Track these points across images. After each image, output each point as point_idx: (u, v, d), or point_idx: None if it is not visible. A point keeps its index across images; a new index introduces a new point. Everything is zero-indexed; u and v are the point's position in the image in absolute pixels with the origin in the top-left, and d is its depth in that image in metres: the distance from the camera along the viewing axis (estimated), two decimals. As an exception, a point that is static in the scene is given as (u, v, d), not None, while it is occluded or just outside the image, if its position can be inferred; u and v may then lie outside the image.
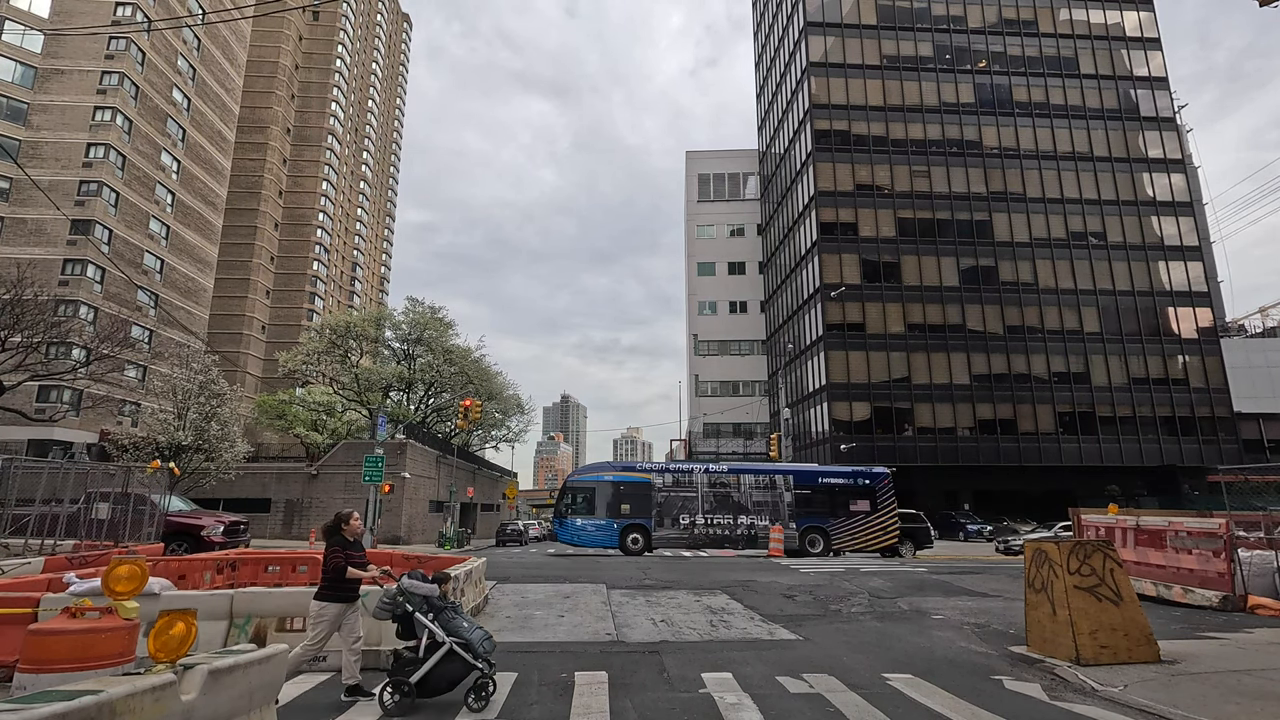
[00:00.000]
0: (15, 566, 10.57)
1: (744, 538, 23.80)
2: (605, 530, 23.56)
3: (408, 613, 5.81)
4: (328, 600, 5.97)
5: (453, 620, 5.84)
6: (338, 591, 5.98)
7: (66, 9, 46.70)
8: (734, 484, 24.43)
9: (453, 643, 5.66)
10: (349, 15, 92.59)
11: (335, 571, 5.97)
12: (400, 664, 5.79)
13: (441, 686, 5.68)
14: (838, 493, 24.35)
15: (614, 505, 23.88)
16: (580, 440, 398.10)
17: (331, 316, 53.95)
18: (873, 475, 24.78)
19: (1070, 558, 7.63)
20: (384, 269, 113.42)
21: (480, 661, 5.73)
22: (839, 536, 23.73)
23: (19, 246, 42.49)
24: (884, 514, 24.00)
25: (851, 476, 24.85)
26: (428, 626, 5.74)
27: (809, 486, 24.46)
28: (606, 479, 24.54)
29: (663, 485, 24.19)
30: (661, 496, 23.99)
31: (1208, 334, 43.49)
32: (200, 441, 28.63)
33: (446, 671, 5.65)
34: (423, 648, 5.70)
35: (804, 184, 47.88)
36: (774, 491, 24.34)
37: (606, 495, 24.01)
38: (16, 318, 25.88)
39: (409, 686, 5.53)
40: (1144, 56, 48.23)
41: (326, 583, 6.00)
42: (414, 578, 6.00)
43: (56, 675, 4.25)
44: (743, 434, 57.70)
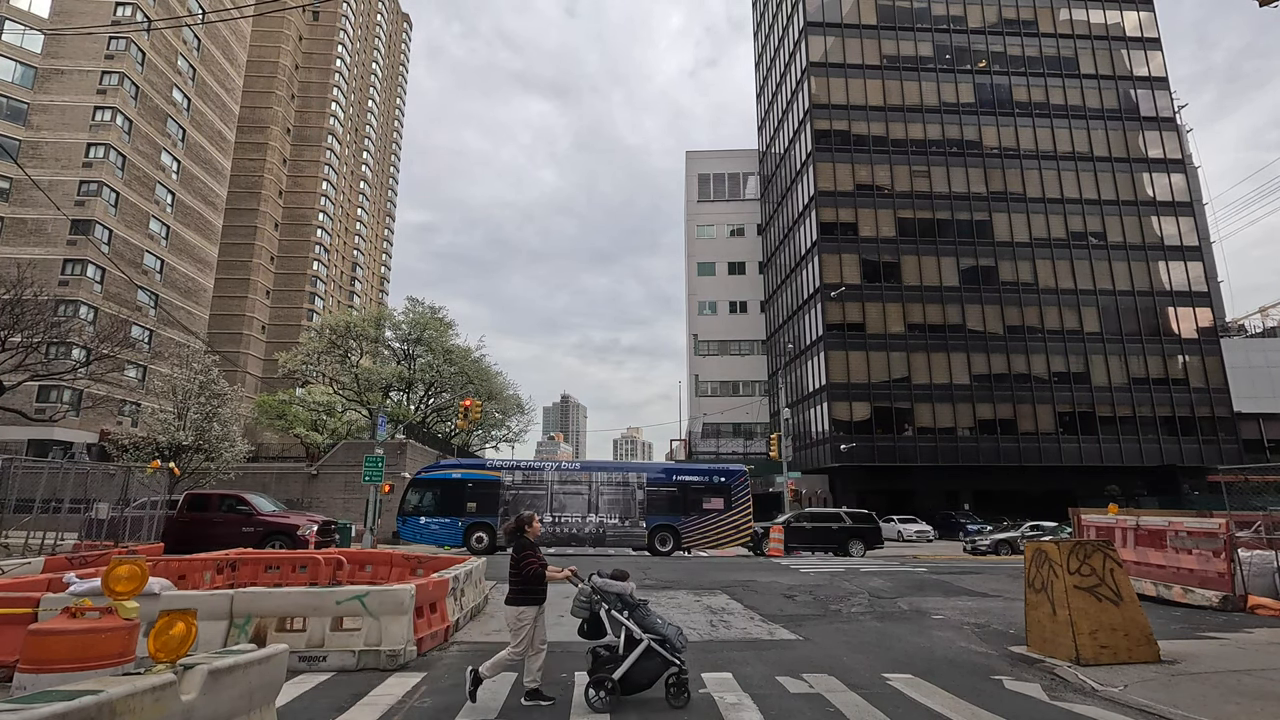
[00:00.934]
0: (15, 566, 10.58)
1: (592, 537, 23.57)
2: (449, 529, 23.11)
3: (600, 611, 5.87)
4: (526, 604, 5.92)
5: (647, 617, 5.88)
6: (535, 595, 5.97)
7: (66, 9, 46.69)
8: (585, 482, 24.17)
9: (650, 640, 5.68)
10: (349, 15, 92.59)
11: (536, 577, 5.95)
12: (599, 662, 5.83)
13: (642, 683, 5.72)
14: (692, 491, 24.13)
15: (460, 503, 23.42)
16: (580, 440, 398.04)
17: (331, 316, 53.93)
18: (729, 473, 24.68)
19: (1070, 558, 7.63)
20: (384, 269, 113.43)
21: (678, 657, 5.75)
22: (690, 535, 23.58)
23: (19, 246, 42.49)
24: (737, 512, 23.86)
25: (707, 475, 24.75)
26: (625, 624, 5.77)
27: (662, 484, 24.29)
28: (454, 476, 24.15)
29: (512, 483, 23.83)
30: (510, 495, 23.63)
31: (1208, 334, 43.48)
32: (200, 441, 28.61)
33: (646, 668, 5.69)
34: (622, 645, 5.74)
35: (804, 184, 47.87)
36: (626, 490, 24.12)
37: (453, 493, 23.53)
38: (16, 318, 25.88)
39: (612, 683, 5.58)
40: (1144, 56, 48.23)
41: (524, 587, 5.96)
42: (602, 576, 6.09)
43: (56, 675, 4.25)
44: (743, 434, 57.70)
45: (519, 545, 6.10)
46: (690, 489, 24.20)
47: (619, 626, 5.81)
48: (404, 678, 6.76)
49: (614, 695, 5.60)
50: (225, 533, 17.33)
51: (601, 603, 5.88)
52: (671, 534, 23.56)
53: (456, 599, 9.44)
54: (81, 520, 17.39)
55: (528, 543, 6.11)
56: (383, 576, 12.27)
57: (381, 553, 13.54)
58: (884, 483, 42.04)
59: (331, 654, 7.10)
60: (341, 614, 7.35)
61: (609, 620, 5.86)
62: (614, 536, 23.50)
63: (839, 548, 24.25)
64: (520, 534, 6.19)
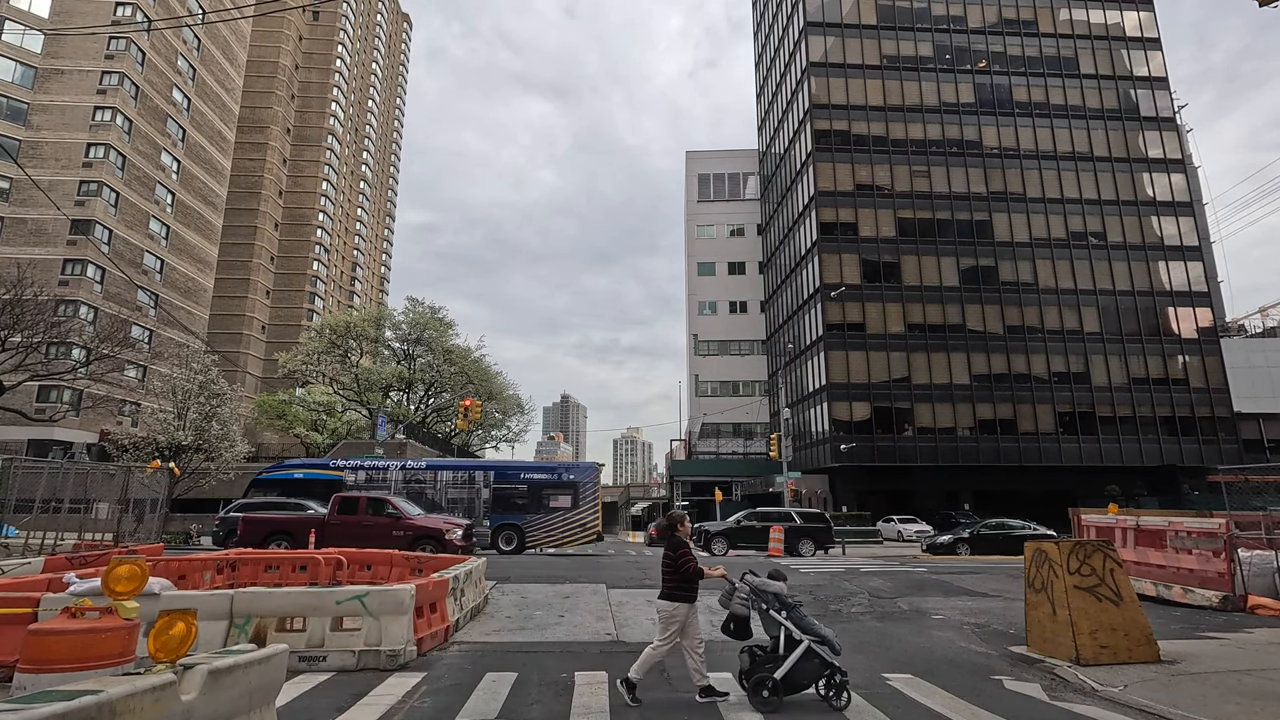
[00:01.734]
0: (15, 566, 10.58)
1: None
2: None
3: (755, 611, 5.89)
4: (680, 601, 5.96)
5: (804, 618, 5.90)
6: (689, 592, 6.00)
7: (66, 9, 46.70)
8: (430, 480, 23.88)
9: (810, 641, 5.71)
10: (349, 15, 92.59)
11: (694, 575, 5.99)
12: (758, 662, 5.84)
13: (802, 684, 5.74)
14: (538, 489, 23.83)
15: None
16: (580, 440, 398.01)
17: (331, 316, 53.96)
18: (577, 470, 24.47)
19: (1070, 558, 7.63)
20: (384, 269, 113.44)
21: (837, 659, 5.78)
22: (534, 533, 23.19)
23: (19, 246, 42.49)
24: (585, 510, 23.53)
25: (555, 472, 24.55)
26: (783, 624, 5.80)
27: (509, 482, 24.02)
28: (296, 476, 23.82)
29: (355, 482, 23.53)
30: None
31: (1208, 334, 43.48)
32: (200, 441, 28.64)
33: (806, 669, 5.71)
34: (782, 644, 5.76)
35: (804, 184, 47.87)
36: (472, 488, 23.85)
37: (294, 493, 23.16)
38: (16, 318, 25.89)
39: (774, 683, 5.60)
40: (1144, 56, 48.22)
41: (679, 585, 5.99)
42: (757, 576, 6.13)
43: (56, 675, 4.25)
44: (743, 434, 57.70)
45: (674, 544, 6.13)
46: (537, 487, 23.88)
47: (776, 626, 5.83)
48: (404, 678, 6.76)
49: (778, 695, 5.62)
50: (377, 536, 16.99)
51: (759, 602, 5.89)
52: (516, 532, 23.02)
53: (456, 599, 9.44)
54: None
55: (682, 541, 6.15)
56: (383, 576, 12.26)
57: (382, 553, 13.53)
58: (884, 483, 42.03)
59: (331, 654, 7.10)
60: (341, 614, 7.35)
61: (765, 620, 5.88)
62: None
63: (789, 547, 24.16)
64: (673, 532, 6.22)
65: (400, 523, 17.41)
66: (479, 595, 10.98)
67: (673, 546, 6.10)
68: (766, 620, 5.87)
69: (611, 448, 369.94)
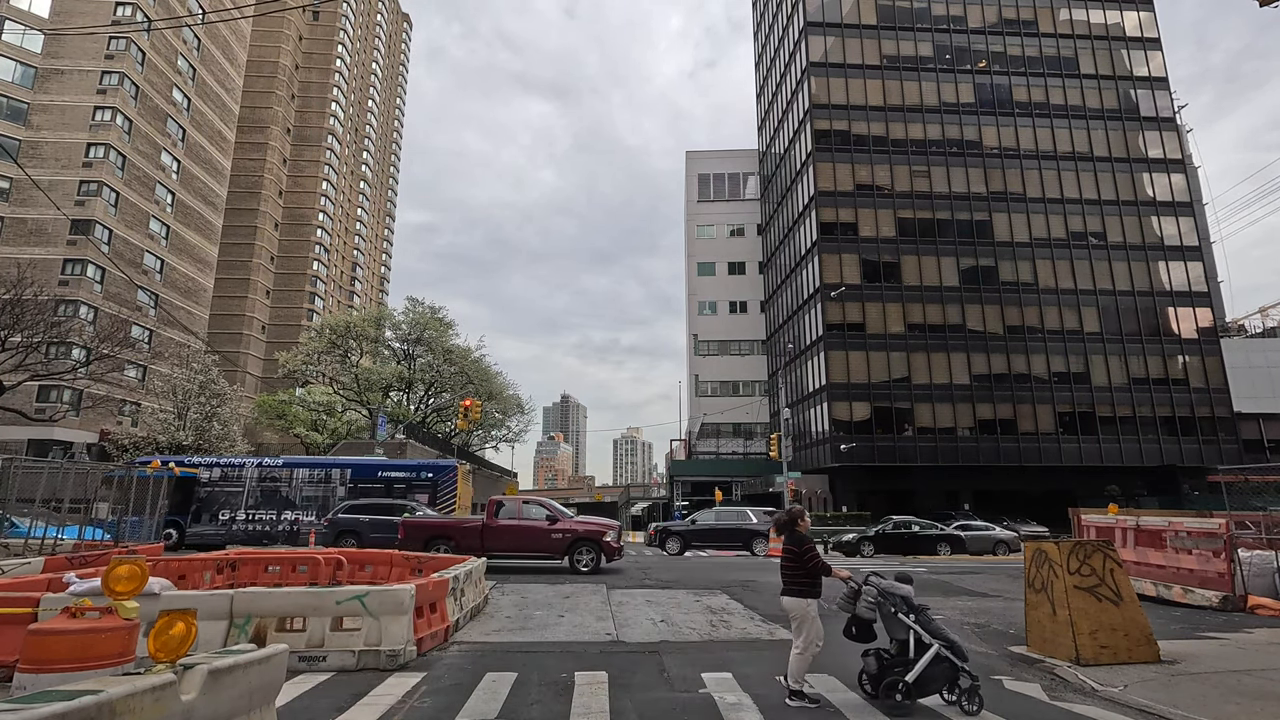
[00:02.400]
0: (15, 566, 10.57)
1: (285, 534, 22.84)
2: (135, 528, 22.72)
3: (881, 614, 5.89)
4: (810, 597, 5.99)
5: (931, 622, 5.88)
6: (813, 588, 6.03)
7: (66, 9, 46.69)
8: (285, 479, 23.55)
9: (940, 645, 5.69)
10: (349, 15, 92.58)
11: (823, 570, 6.02)
12: (886, 665, 5.83)
13: (931, 688, 5.72)
14: (396, 486, 23.63)
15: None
16: (580, 440, 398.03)
17: (331, 316, 53.96)
18: (436, 468, 24.24)
19: (1070, 558, 7.63)
20: (384, 269, 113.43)
21: (966, 664, 5.75)
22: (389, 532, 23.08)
23: (19, 246, 42.48)
24: (443, 507, 23.35)
25: (414, 470, 24.27)
26: (912, 628, 5.78)
27: (365, 480, 23.74)
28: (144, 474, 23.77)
29: (209, 480, 23.27)
30: (205, 492, 23.10)
31: (1208, 334, 43.47)
32: (200, 441, 28.67)
33: (935, 673, 5.69)
34: (912, 648, 5.75)
35: (804, 184, 47.87)
36: (328, 485, 23.54)
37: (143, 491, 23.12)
38: (16, 318, 25.91)
39: (905, 685, 5.59)
40: (1144, 56, 48.21)
41: (810, 581, 6.01)
42: (883, 579, 6.14)
43: (56, 675, 4.25)
44: (743, 434, 57.71)
45: (797, 539, 6.15)
46: (394, 484, 23.66)
47: (904, 629, 5.82)
48: (404, 678, 6.76)
49: (909, 698, 5.60)
50: (535, 538, 17.14)
51: (887, 605, 5.88)
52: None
53: (456, 599, 9.44)
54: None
55: (805, 536, 6.19)
56: (383, 576, 12.27)
57: (381, 553, 13.54)
58: (884, 483, 42.03)
59: (331, 654, 7.10)
60: (341, 614, 7.35)
61: (890, 623, 5.86)
62: (310, 534, 22.37)
63: (745, 545, 24.26)
64: (794, 528, 6.25)
65: (557, 525, 17.39)
66: (479, 595, 10.98)
67: (796, 542, 6.11)
68: (892, 623, 5.85)
69: (611, 448, 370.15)
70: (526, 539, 16.98)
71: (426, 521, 18.17)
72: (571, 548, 16.79)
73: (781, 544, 6.29)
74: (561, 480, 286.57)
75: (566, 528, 17.07)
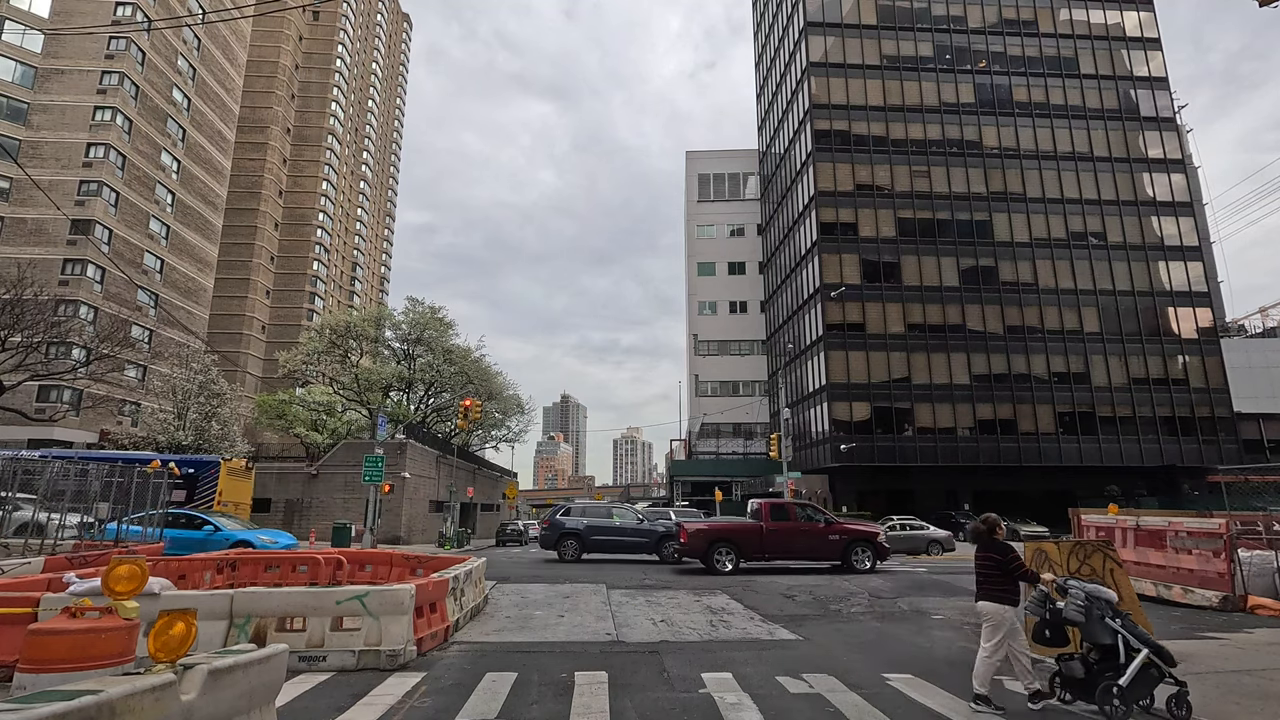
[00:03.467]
0: (15, 566, 10.57)
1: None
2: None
3: (1086, 618, 5.83)
4: (1006, 604, 5.99)
5: (1136, 627, 5.80)
6: (1013, 595, 6.03)
7: (66, 9, 46.69)
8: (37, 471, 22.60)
9: (1149, 652, 5.59)
10: (349, 15, 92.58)
11: (1025, 577, 6.02)
12: (1094, 671, 5.77)
13: (1141, 694, 5.61)
14: None
15: None
16: (580, 440, 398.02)
17: (331, 316, 53.91)
18: (198, 464, 23.72)
19: (1070, 558, 7.64)
20: (384, 269, 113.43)
21: (1172, 672, 5.63)
22: None
23: (19, 246, 42.48)
24: (201, 504, 22.56)
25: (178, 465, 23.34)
26: (1120, 633, 5.71)
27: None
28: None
29: None
30: None
31: (1208, 334, 43.48)
32: (200, 441, 28.66)
33: (1146, 678, 5.58)
34: (1122, 653, 5.67)
35: (804, 184, 47.88)
36: (82, 481, 22.75)
37: None
38: (16, 318, 25.91)
39: (1120, 690, 5.51)
40: (1144, 56, 48.22)
41: (1013, 588, 6.03)
42: (1084, 583, 6.07)
43: (56, 675, 4.25)
44: (743, 434, 57.70)
45: (998, 546, 6.15)
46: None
47: (1110, 634, 5.73)
48: (404, 678, 6.76)
49: (1126, 704, 5.48)
50: (812, 540, 17.80)
51: (1094, 609, 5.82)
52: None
53: (456, 599, 9.44)
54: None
55: (1008, 545, 6.20)
56: (383, 576, 12.27)
57: (381, 553, 13.54)
58: (884, 483, 42.03)
59: (331, 654, 7.10)
60: (341, 614, 7.35)
61: (1096, 627, 5.78)
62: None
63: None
64: (993, 535, 6.26)
65: (834, 527, 17.99)
66: (479, 595, 10.98)
67: (999, 550, 6.12)
68: (1098, 627, 5.77)
69: (611, 448, 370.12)
70: (803, 542, 17.72)
71: (714, 525, 18.55)
72: (848, 549, 17.61)
73: (978, 555, 6.28)
74: (561, 480, 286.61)
75: (842, 529, 18.01)
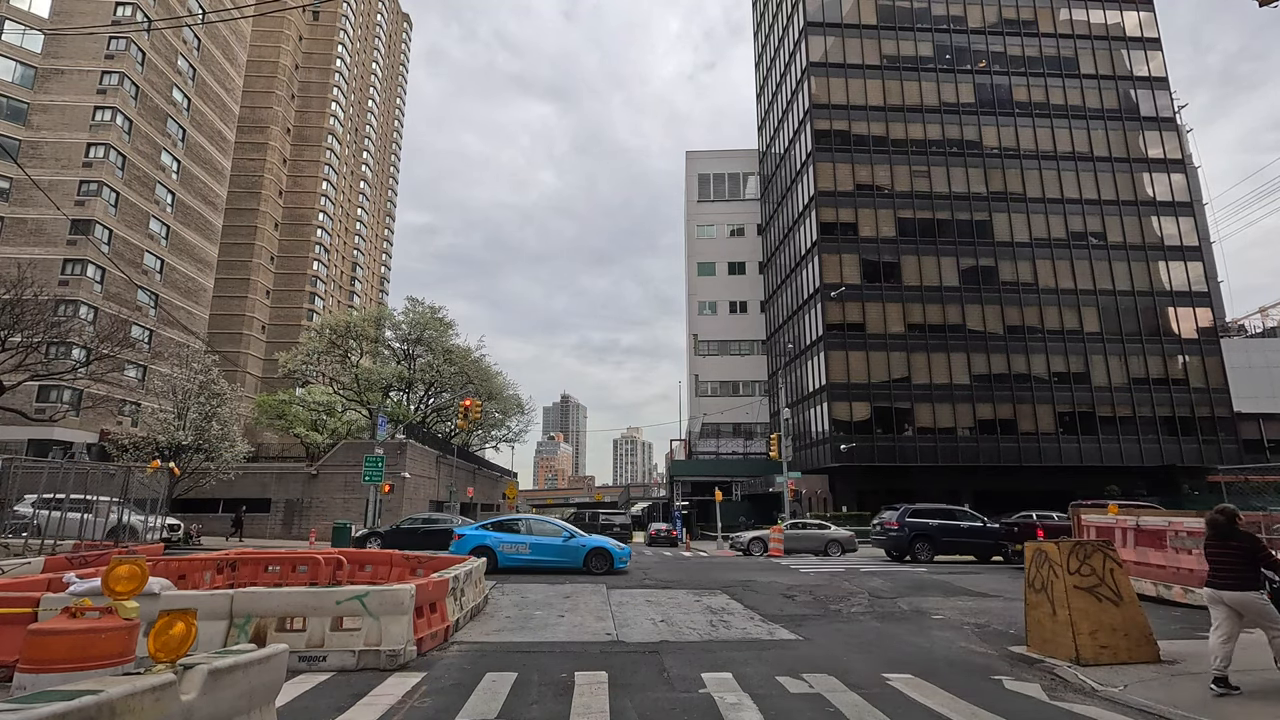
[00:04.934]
0: (15, 566, 10.58)
1: None
2: None
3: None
4: (1254, 590, 6.05)
5: None
6: (1256, 581, 6.06)
7: (66, 9, 46.69)
8: None
9: None
10: (349, 15, 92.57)
11: (1273, 565, 6.07)
12: None
13: None
14: None
15: None
16: (580, 440, 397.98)
17: (331, 316, 53.93)
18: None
19: (1070, 558, 7.63)
20: (384, 269, 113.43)
21: None
22: None
23: (19, 246, 42.48)
24: None
25: None
26: None
27: None
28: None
29: None
30: None
31: (1208, 334, 43.47)
32: (200, 441, 28.63)
33: None
34: None
35: (804, 184, 47.87)
36: None
37: None
38: (16, 318, 25.89)
39: None
40: (1144, 56, 48.20)
41: (1254, 575, 6.06)
42: None
43: (56, 675, 4.25)
44: (743, 434, 57.70)
45: (1246, 537, 6.19)
46: None
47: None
48: (404, 678, 6.76)
49: None
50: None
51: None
52: None
53: (456, 599, 9.44)
54: None
55: (1252, 534, 6.24)
56: (383, 576, 12.27)
57: (381, 553, 13.55)
58: (884, 483, 41.98)
59: (331, 654, 7.10)
60: (341, 614, 7.35)
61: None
62: None
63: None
64: (1234, 526, 6.30)
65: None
66: (479, 595, 10.98)
67: (1244, 539, 6.18)
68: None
69: (611, 448, 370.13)
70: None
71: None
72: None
73: (1215, 545, 6.33)
74: (562, 480, 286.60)
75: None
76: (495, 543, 17.17)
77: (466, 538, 17.42)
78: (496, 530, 17.75)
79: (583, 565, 17.07)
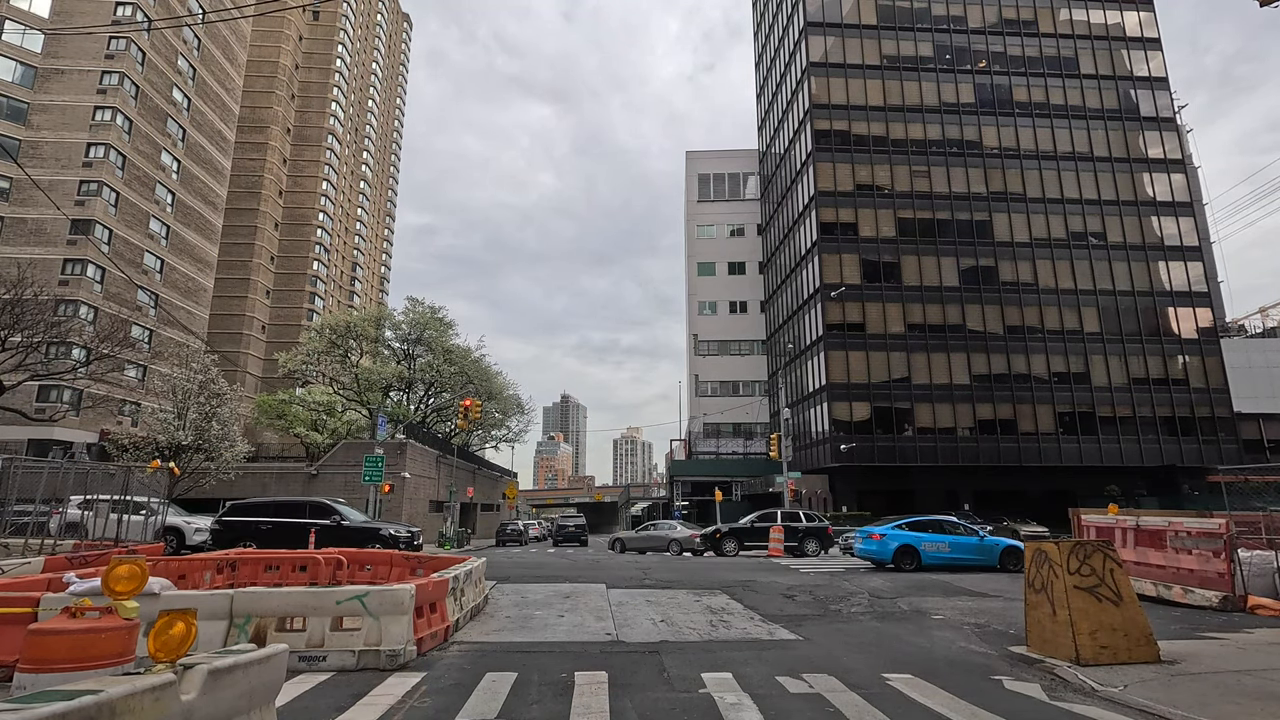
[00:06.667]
0: (15, 566, 10.58)
1: None
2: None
3: None
4: None
5: None
6: None
7: (66, 9, 46.69)
8: None
9: None
10: (349, 15, 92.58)
11: None
12: None
13: None
14: None
15: None
16: (580, 440, 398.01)
17: (331, 316, 53.93)
18: None
19: (1070, 558, 7.63)
20: (384, 269, 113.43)
21: None
22: None
23: (19, 246, 42.48)
24: None
25: None
26: None
27: None
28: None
29: None
30: None
31: (1208, 334, 43.48)
32: (200, 441, 28.61)
33: None
34: None
35: (804, 184, 47.88)
36: None
37: None
38: (16, 318, 25.90)
39: None
40: (1144, 56, 48.22)
41: None
42: None
43: (56, 675, 4.25)
44: (743, 434, 57.71)
45: None
46: None
47: None
48: (404, 678, 6.76)
49: None
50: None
51: None
52: None
53: (456, 599, 9.44)
54: None
55: None
56: (382, 576, 12.27)
57: (381, 553, 13.55)
58: (884, 483, 42.03)
59: (331, 654, 7.10)
60: (341, 614, 7.34)
61: None
62: None
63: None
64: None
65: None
66: (479, 595, 10.98)
67: None
68: None
69: (611, 448, 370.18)
70: None
71: None
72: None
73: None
74: (561, 480, 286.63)
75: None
76: (917, 542, 18.77)
77: (889, 537, 18.88)
78: (914, 530, 19.11)
79: (998, 564, 18.49)
